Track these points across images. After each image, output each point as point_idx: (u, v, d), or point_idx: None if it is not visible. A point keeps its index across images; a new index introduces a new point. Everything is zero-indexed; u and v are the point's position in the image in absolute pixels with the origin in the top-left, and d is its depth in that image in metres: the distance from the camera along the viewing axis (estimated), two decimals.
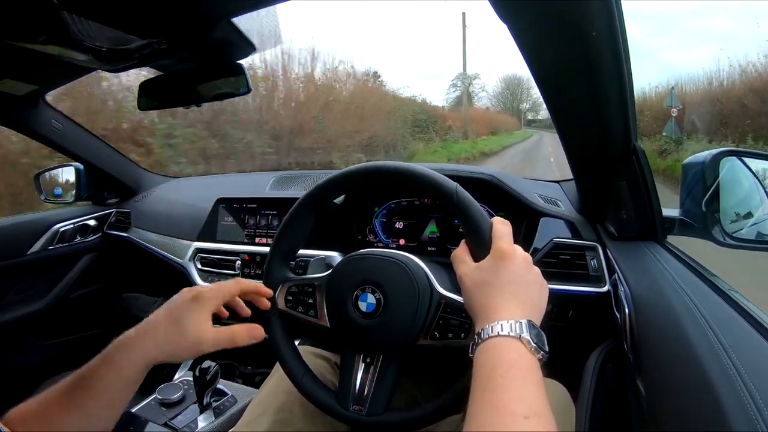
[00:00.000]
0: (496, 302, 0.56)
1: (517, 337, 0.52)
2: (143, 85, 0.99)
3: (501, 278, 0.58)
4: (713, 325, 0.56)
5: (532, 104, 69.68)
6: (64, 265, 1.63)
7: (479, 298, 0.58)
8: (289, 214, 0.77)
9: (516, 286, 0.58)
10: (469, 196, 0.66)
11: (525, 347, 0.51)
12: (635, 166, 0.82)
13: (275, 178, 1.46)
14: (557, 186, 1.23)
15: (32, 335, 1.58)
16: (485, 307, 0.57)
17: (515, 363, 0.50)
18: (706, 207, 0.80)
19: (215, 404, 1.11)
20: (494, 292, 0.57)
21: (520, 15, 0.54)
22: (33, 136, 1.40)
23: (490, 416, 0.46)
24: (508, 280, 0.57)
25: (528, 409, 0.45)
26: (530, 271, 0.60)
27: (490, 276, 0.58)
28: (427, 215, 1.19)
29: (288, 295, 0.75)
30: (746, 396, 0.43)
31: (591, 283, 0.96)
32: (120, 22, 0.70)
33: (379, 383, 0.69)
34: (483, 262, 0.60)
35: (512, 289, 0.57)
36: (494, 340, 0.52)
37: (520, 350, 0.51)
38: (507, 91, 69.04)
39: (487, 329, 0.53)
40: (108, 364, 0.57)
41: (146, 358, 0.58)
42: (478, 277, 0.59)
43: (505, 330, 0.52)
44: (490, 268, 0.59)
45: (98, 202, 1.74)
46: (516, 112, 66.68)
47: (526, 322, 0.53)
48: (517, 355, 0.51)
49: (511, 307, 0.55)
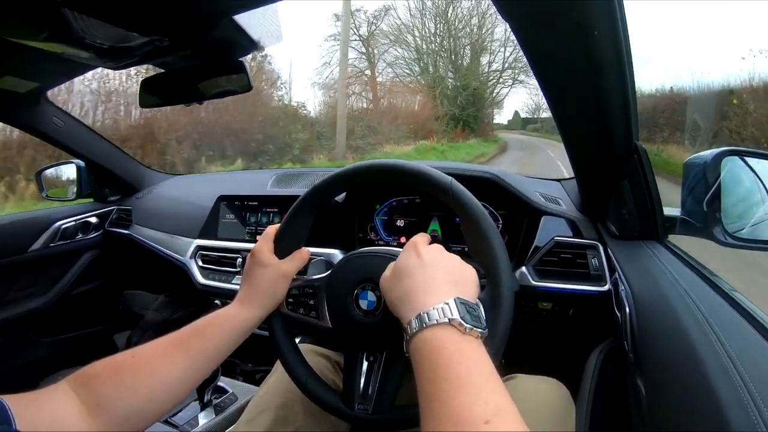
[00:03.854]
0: (415, 287, 0.53)
1: (447, 321, 0.48)
2: (145, 82, 0.99)
3: (414, 266, 0.56)
4: (714, 325, 0.56)
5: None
6: (66, 262, 1.63)
7: (396, 291, 0.56)
8: (284, 219, 0.77)
9: (434, 268, 0.55)
10: (465, 190, 0.66)
11: (460, 332, 0.47)
12: (636, 165, 0.82)
13: (276, 176, 1.46)
14: (558, 185, 1.23)
15: (34, 332, 1.59)
16: (405, 296, 0.54)
17: (455, 357, 0.45)
18: (708, 206, 0.80)
19: (216, 402, 1.12)
20: (412, 281, 0.55)
21: (523, 14, 0.54)
22: (34, 134, 1.40)
23: (447, 429, 0.40)
24: (422, 264, 0.56)
25: (485, 410, 0.40)
26: (443, 253, 0.59)
27: (403, 268, 0.57)
28: (428, 213, 1.19)
29: (289, 297, 0.75)
30: (746, 395, 0.43)
31: (592, 282, 0.96)
32: (122, 20, 0.70)
33: (383, 381, 0.69)
34: (397, 261, 0.59)
35: (430, 272, 0.55)
36: (424, 334, 0.48)
37: (455, 338, 0.47)
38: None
39: (413, 322, 0.50)
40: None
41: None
42: (392, 274, 0.58)
43: (433, 318, 0.48)
44: (402, 260, 0.58)
45: (100, 199, 1.75)
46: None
47: (454, 300, 0.49)
48: (454, 346, 0.46)
49: (434, 288, 0.52)
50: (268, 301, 0.71)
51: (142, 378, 0.56)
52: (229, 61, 0.91)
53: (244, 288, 0.71)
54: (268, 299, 0.71)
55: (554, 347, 1.18)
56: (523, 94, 57.70)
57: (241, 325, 0.67)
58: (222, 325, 0.65)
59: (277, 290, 0.72)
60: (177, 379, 0.58)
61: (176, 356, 0.59)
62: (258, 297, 0.70)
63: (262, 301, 0.70)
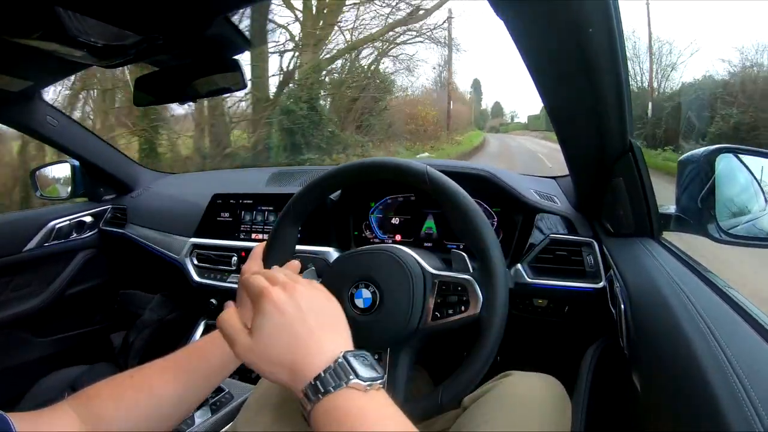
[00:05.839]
0: (289, 350, 0.44)
1: (344, 384, 0.41)
2: (139, 80, 0.98)
3: (279, 323, 0.45)
4: (709, 321, 0.56)
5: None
6: (61, 262, 1.62)
7: (268, 360, 0.45)
8: (268, 237, 0.78)
9: (302, 317, 0.45)
10: (441, 174, 0.66)
11: (361, 392, 0.41)
12: (631, 162, 0.83)
13: (271, 174, 1.46)
14: (553, 182, 1.23)
15: (29, 332, 1.58)
16: (283, 365, 0.44)
17: (365, 422, 0.40)
18: (702, 203, 0.80)
19: (212, 401, 1.11)
20: (282, 342, 0.44)
21: (518, 12, 0.54)
22: (28, 132, 1.40)
23: None
24: (287, 317, 0.45)
25: None
26: (302, 289, 0.48)
27: (267, 329, 0.45)
28: (423, 211, 1.19)
29: None
30: (741, 391, 0.44)
31: (587, 280, 0.96)
32: (116, 18, 0.70)
33: (391, 377, 0.69)
34: (253, 321, 0.46)
35: (300, 324, 0.45)
36: (323, 405, 0.41)
37: (359, 402, 0.41)
38: None
39: (308, 393, 0.42)
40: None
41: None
42: (255, 341, 0.45)
43: (328, 385, 0.41)
44: (262, 321, 0.45)
45: (94, 198, 1.74)
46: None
47: (343, 357, 0.43)
48: (360, 411, 0.41)
49: (314, 344, 0.44)
50: None
51: (142, 398, 0.56)
52: (224, 59, 0.90)
53: (239, 309, 0.71)
54: None
55: (550, 344, 1.18)
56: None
57: None
58: (222, 345, 0.65)
59: None
60: (177, 399, 0.59)
61: (176, 376, 0.59)
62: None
63: None
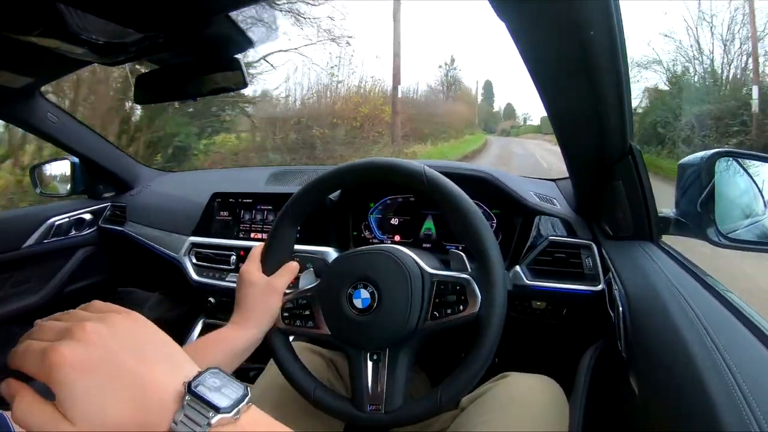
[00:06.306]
0: (124, 404, 0.35)
1: (206, 425, 0.34)
2: (140, 78, 0.98)
3: (87, 378, 0.35)
4: (707, 325, 0.56)
5: None
6: (60, 259, 1.62)
7: (96, 415, 0.34)
8: (267, 237, 0.78)
9: (115, 358, 0.37)
10: (438, 174, 0.67)
11: (233, 424, 0.36)
12: (631, 165, 0.83)
13: (271, 174, 1.46)
14: (553, 184, 1.23)
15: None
16: (128, 425, 0.34)
17: None
18: (702, 207, 0.80)
19: None
20: (106, 399, 0.35)
21: (519, 13, 0.54)
22: (29, 129, 1.39)
23: None
24: (109, 354, 0.37)
25: None
26: (94, 336, 0.38)
27: (77, 394, 0.34)
28: (422, 212, 1.19)
29: (284, 312, 0.75)
30: (738, 394, 0.44)
31: (585, 282, 0.96)
32: (117, 16, 0.70)
33: (390, 378, 0.69)
34: (56, 398, 0.35)
35: (117, 368, 0.36)
36: None
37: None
38: None
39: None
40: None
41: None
42: (72, 412, 0.34)
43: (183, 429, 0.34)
44: (62, 389, 0.35)
45: (94, 195, 1.73)
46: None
47: (189, 390, 0.36)
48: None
49: (151, 388, 0.36)
50: (263, 318, 0.72)
51: None
52: (225, 58, 0.90)
53: (238, 310, 0.72)
54: (262, 317, 0.72)
55: (548, 346, 1.18)
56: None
57: (238, 346, 0.68)
58: (219, 344, 0.66)
59: (270, 307, 0.72)
60: None
61: None
62: (252, 316, 0.71)
63: (256, 320, 0.71)
